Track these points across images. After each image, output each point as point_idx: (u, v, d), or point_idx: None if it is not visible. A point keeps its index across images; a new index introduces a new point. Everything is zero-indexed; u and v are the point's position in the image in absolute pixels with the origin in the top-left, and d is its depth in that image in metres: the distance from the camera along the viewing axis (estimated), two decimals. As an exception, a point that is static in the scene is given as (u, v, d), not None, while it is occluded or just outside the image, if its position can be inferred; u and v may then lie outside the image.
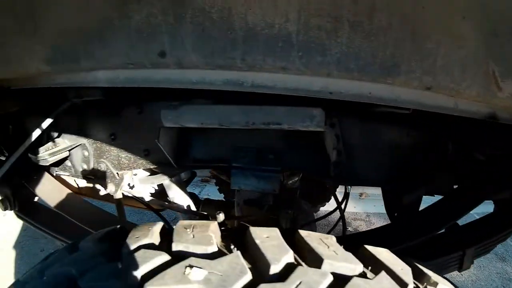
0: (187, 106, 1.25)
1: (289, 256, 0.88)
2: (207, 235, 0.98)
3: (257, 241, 0.93)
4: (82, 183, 2.12)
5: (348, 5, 0.76)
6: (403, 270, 0.93)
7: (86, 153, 1.71)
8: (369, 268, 0.93)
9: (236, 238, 1.03)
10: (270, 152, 1.45)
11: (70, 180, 2.09)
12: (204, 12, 0.83)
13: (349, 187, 2.06)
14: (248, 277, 0.80)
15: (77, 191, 2.09)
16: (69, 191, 2.00)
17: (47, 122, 1.52)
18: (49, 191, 1.93)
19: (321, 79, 0.92)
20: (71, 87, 1.40)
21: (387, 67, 0.82)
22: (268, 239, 0.95)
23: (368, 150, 1.42)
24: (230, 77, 0.98)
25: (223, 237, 1.04)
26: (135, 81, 1.09)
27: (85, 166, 1.75)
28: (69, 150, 1.70)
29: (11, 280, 3.51)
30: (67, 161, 1.78)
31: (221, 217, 1.47)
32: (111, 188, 1.70)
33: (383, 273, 0.88)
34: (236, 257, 0.88)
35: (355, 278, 0.84)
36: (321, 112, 1.14)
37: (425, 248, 1.60)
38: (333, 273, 0.83)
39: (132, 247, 0.93)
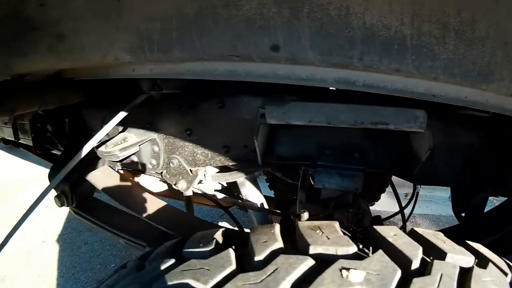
0: (294, 103, 1.18)
1: (421, 252, 0.90)
2: (341, 235, 0.98)
3: (390, 239, 0.95)
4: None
5: (453, 14, 0.79)
6: (500, 262, 0.97)
7: (156, 148, 1.65)
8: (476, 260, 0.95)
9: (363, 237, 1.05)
10: (355, 150, 1.42)
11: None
12: (322, 8, 0.82)
13: (419, 187, 1.94)
14: (399, 273, 0.81)
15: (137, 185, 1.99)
16: (131, 185, 1.91)
17: (120, 116, 1.44)
18: (112, 186, 1.83)
19: (427, 82, 0.94)
20: (147, 78, 1.34)
21: (483, 74, 0.85)
22: (397, 237, 0.97)
23: (446, 151, 1.43)
24: (342, 76, 0.95)
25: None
26: (236, 75, 1.04)
27: (154, 162, 1.67)
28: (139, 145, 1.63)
29: (54, 272, 3.54)
30: (133, 156, 1.70)
31: (305, 215, 1.35)
32: (182, 185, 1.63)
33: (491, 265, 0.92)
34: (381, 255, 0.88)
35: (475, 268, 0.88)
36: (424, 113, 1.11)
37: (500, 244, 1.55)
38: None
39: (265, 253, 0.89)
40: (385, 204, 2.07)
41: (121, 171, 1.93)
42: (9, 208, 4.79)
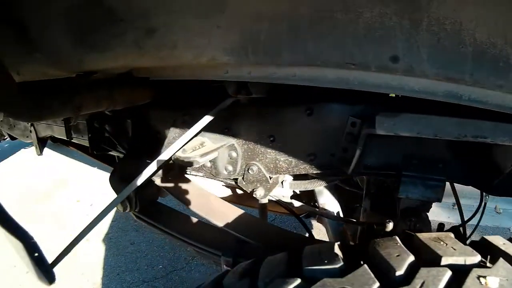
0: (405, 115, 1.19)
1: None
2: (463, 246, 1.02)
3: (502, 248, 1.01)
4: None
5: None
6: None
7: (234, 154, 1.58)
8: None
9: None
10: (439, 161, 1.40)
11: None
12: (439, 22, 0.81)
13: (487, 197, 1.88)
14: None
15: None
16: (205, 190, 1.81)
17: (206, 120, 1.42)
18: (185, 192, 1.75)
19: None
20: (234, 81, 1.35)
21: None
22: (506, 245, 1.03)
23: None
24: (451, 89, 0.94)
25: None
26: (348, 83, 1.00)
27: (230, 168, 1.60)
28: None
29: (98, 271, 3.50)
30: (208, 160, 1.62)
31: (390, 225, 1.46)
32: (260, 193, 1.58)
33: (501, 259, 0.94)
34: (503, 263, 0.93)
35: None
36: None
37: None
38: None
39: (404, 267, 0.93)
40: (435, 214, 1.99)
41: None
42: (53, 205, 4.84)
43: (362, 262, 0.98)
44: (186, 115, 1.63)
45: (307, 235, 1.87)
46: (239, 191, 2.20)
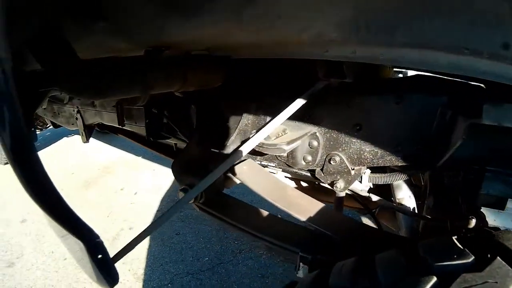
0: (510, 105, 1.14)
1: None
2: None
3: None
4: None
5: None
6: None
7: (315, 143, 1.49)
8: None
9: None
10: None
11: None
12: None
13: None
14: None
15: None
16: (283, 182, 1.73)
17: (298, 103, 1.33)
18: (261, 183, 1.65)
19: None
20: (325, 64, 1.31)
21: None
22: None
23: None
24: None
25: None
26: (459, 68, 0.93)
27: (309, 158, 1.52)
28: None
29: (140, 261, 3.48)
30: (286, 150, 1.52)
31: (473, 222, 1.38)
32: (340, 185, 1.50)
33: None
34: None
35: None
36: None
37: None
38: None
39: None
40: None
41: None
42: (96, 193, 4.87)
43: (489, 255, 0.93)
44: (261, 101, 1.56)
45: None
46: (303, 184, 2.10)
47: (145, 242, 3.69)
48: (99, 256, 0.91)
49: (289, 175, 1.92)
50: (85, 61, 1.09)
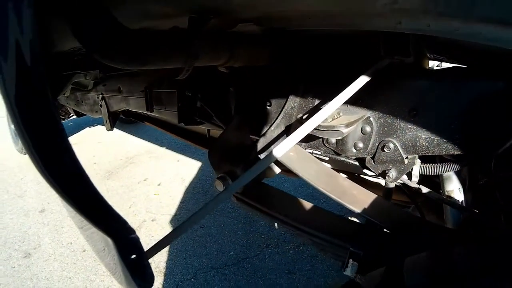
0: None
1: None
2: None
3: None
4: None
5: None
6: None
7: (368, 129, 1.42)
8: None
9: None
10: None
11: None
12: None
13: None
14: None
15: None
16: (333, 170, 1.63)
17: (362, 81, 1.26)
18: (311, 170, 1.56)
19: None
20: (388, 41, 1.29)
21: None
22: None
23: None
24: None
25: None
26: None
27: (360, 145, 1.44)
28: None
29: (162, 254, 3.43)
30: (332, 137, 1.48)
31: None
32: (393, 174, 1.42)
33: None
34: None
35: None
36: None
37: None
38: None
39: None
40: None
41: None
42: (120, 183, 4.87)
43: None
44: (310, 82, 1.47)
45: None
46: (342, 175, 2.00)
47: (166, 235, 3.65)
48: (133, 256, 0.79)
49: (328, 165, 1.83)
50: (128, 28, 1.01)
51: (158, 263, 3.28)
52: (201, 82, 1.88)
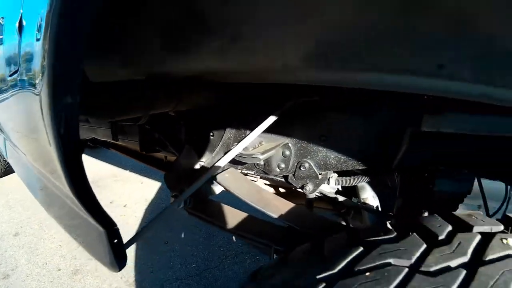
0: (447, 114, 1.33)
1: None
2: (489, 219, 1.19)
3: None
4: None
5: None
6: None
7: (287, 153, 1.69)
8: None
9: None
10: (468, 157, 1.53)
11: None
12: (477, 37, 0.87)
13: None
14: None
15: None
16: (259, 186, 1.94)
17: (270, 120, 1.53)
18: (242, 188, 1.85)
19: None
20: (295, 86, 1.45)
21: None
22: None
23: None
24: (483, 91, 0.99)
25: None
26: (401, 86, 1.07)
27: (282, 166, 1.71)
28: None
29: (131, 269, 3.63)
30: (262, 160, 1.74)
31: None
32: (309, 188, 1.70)
33: None
34: None
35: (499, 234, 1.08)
36: None
37: None
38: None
39: (445, 233, 1.12)
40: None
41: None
42: None
43: (411, 233, 1.13)
44: (241, 118, 1.76)
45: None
46: (281, 190, 2.33)
47: (136, 252, 3.85)
48: (115, 240, 1.11)
49: (268, 182, 2.16)
50: (95, 83, 1.27)
51: (128, 277, 3.47)
52: (157, 118, 2.13)
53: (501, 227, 1.13)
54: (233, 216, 1.97)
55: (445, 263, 0.96)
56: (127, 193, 5.30)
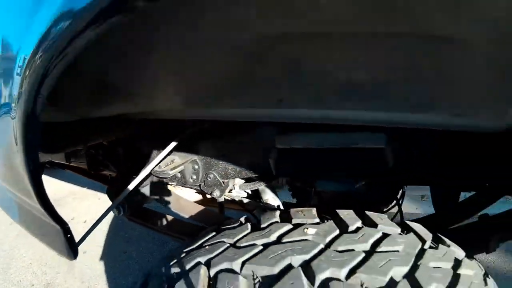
0: (296, 134, 1.61)
1: (359, 222, 1.37)
2: (313, 213, 1.46)
3: (341, 215, 1.42)
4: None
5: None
6: (426, 235, 1.33)
7: (196, 167, 2.01)
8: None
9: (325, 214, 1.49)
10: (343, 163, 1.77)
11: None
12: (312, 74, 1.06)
13: (406, 187, 2.41)
14: (337, 231, 1.29)
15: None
16: (179, 195, 2.35)
17: (171, 145, 1.89)
18: (164, 197, 2.28)
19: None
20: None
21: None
22: (348, 215, 1.44)
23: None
24: (324, 115, 1.26)
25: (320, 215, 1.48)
26: (256, 117, 1.37)
27: (194, 177, 2.04)
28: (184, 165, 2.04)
29: (95, 278, 3.88)
30: (178, 173, 2.08)
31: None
32: (216, 193, 1.99)
33: (329, 222, 1.37)
34: (331, 222, 1.37)
35: (395, 234, 1.30)
36: (384, 135, 1.49)
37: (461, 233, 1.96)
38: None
39: (267, 223, 1.45)
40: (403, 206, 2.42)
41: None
42: None
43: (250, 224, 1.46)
44: (159, 142, 2.07)
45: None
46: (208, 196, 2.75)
47: (98, 263, 4.10)
48: (69, 235, 1.39)
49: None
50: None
51: (94, 285, 3.75)
52: (100, 144, 2.47)
53: (315, 220, 1.40)
54: (161, 219, 2.40)
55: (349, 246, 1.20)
56: (86, 209, 5.46)
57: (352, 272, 1.06)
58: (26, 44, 0.99)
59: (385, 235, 1.26)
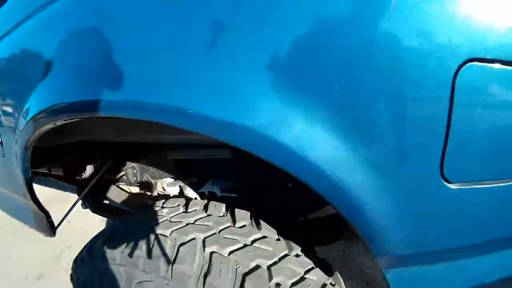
0: (184, 149, 1.96)
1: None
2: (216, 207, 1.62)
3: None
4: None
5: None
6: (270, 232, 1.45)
7: (134, 171, 2.42)
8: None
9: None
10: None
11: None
12: None
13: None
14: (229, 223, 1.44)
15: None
16: (127, 194, 2.79)
17: (111, 160, 2.46)
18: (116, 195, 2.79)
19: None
20: None
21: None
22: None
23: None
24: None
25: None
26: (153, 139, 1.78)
27: (134, 179, 2.45)
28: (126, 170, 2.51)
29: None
30: (124, 176, 2.53)
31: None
32: (150, 190, 2.36)
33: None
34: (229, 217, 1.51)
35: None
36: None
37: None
38: None
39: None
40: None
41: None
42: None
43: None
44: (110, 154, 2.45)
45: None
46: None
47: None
48: (49, 219, 1.80)
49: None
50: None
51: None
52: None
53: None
54: (119, 212, 2.78)
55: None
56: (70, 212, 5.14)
57: (231, 253, 1.22)
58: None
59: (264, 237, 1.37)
